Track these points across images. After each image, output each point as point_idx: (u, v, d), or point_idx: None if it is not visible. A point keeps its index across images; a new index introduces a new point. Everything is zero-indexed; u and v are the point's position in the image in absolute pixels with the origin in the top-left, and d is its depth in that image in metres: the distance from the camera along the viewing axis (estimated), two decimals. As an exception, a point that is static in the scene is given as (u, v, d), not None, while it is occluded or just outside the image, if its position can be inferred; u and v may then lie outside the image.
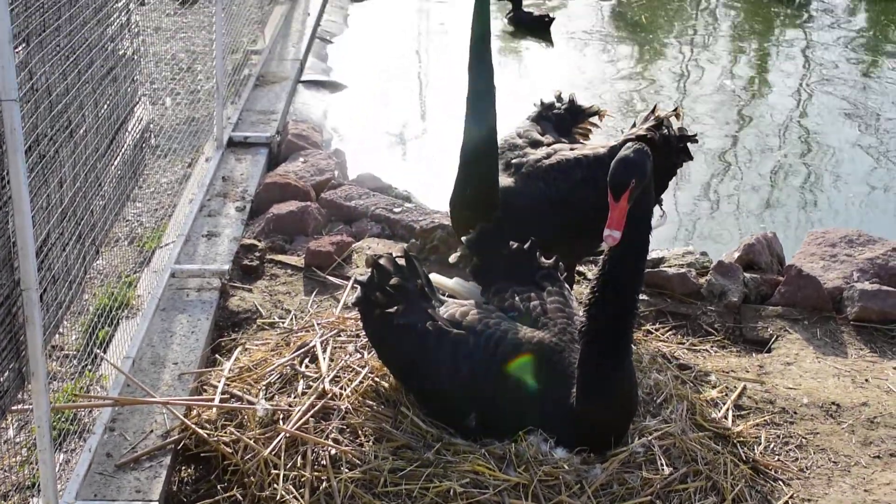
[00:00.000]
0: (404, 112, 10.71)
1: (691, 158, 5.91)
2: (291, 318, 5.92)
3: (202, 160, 7.82)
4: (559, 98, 6.39)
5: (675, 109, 5.91)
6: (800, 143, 10.03)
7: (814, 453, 5.11)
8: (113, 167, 5.30)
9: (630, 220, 4.27)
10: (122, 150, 5.48)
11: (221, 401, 5.00)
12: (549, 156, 5.76)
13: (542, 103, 6.36)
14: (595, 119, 6.39)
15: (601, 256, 4.53)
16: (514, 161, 5.78)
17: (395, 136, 10.11)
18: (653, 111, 5.84)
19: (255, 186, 7.57)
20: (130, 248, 6.49)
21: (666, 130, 5.73)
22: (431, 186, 8.57)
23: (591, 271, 6.50)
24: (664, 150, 5.63)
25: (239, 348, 5.55)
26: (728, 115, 10.77)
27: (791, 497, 4.79)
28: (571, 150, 5.82)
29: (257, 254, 6.64)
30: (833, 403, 5.45)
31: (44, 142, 4.22)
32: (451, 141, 9.72)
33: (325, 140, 9.08)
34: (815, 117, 10.74)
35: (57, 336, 4.96)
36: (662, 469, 4.54)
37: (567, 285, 5.18)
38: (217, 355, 5.65)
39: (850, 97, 11.28)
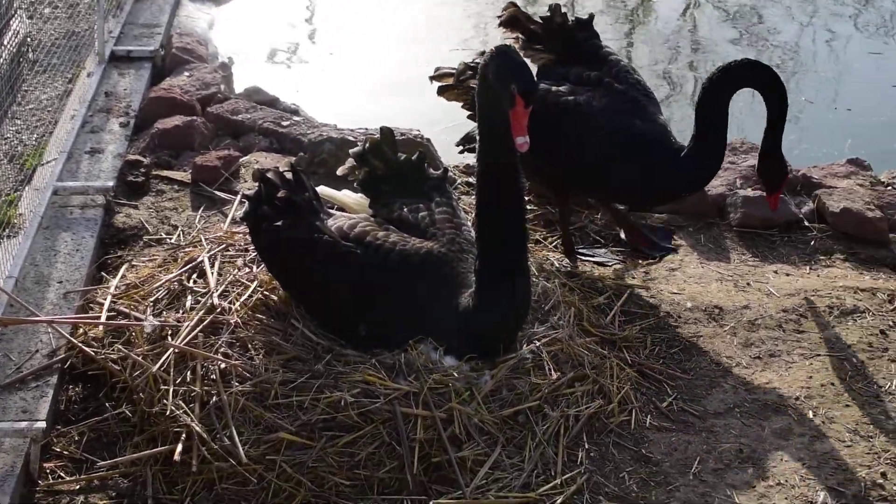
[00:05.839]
0: (291, 25, 10.51)
1: None
2: (179, 234, 5.85)
3: (84, 75, 7.60)
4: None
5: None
6: (688, 54, 10.11)
7: (697, 356, 5.24)
8: (-13, 82, 5.14)
9: None
10: (-3, 64, 5.32)
11: (108, 318, 4.94)
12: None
13: None
14: None
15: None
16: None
17: (283, 49, 9.93)
18: None
19: (139, 102, 7.40)
20: (10, 166, 6.33)
21: None
22: (319, 99, 8.49)
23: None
24: None
25: (125, 265, 5.47)
26: (619, 28, 10.78)
27: (675, 398, 4.93)
28: None
29: (143, 170, 6.51)
30: (716, 307, 5.58)
31: (-89, 55, 4.07)
32: (340, 54, 9.72)
33: (211, 54, 8.86)
34: (704, 28, 10.81)
35: (-66, 256, 4.84)
36: (550, 374, 4.64)
37: (454, 196, 5.20)
38: (103, 273, 5.57)
39: (740, 7, 11.37)
